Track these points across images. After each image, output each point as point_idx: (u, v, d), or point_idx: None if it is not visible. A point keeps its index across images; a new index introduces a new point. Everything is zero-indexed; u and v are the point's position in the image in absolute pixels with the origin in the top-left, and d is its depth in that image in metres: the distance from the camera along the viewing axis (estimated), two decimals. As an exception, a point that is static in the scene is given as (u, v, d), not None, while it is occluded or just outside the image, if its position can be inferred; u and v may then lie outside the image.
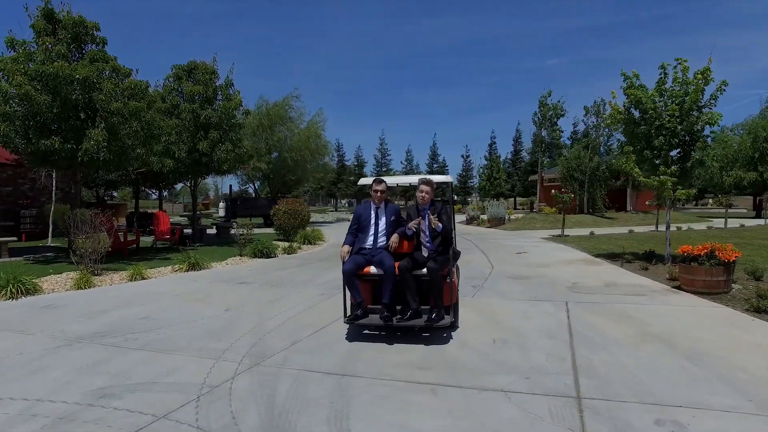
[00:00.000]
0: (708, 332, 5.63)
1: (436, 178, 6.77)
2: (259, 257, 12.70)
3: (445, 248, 5.77)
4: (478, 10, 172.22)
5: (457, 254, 6.01)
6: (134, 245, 13.64)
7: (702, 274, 7.59)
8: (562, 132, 28.15)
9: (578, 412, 3.60)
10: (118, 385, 4.17)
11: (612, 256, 12.15)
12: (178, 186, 33.47)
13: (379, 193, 5.84)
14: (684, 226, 22.26)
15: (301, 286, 8.70)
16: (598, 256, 12.50)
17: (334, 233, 21.66)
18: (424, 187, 5.78)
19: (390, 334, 5.79)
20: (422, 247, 5.85)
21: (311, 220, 20.06)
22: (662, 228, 20.80)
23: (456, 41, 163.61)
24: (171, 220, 27.52)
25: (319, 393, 4.01)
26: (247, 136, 25.55)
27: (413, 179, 6.89)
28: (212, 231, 20.80)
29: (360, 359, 4.85)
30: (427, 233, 5.79)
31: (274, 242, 15.70)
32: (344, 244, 5.77)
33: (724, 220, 22.93)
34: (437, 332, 5.75)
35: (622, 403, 3.74)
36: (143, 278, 9.50)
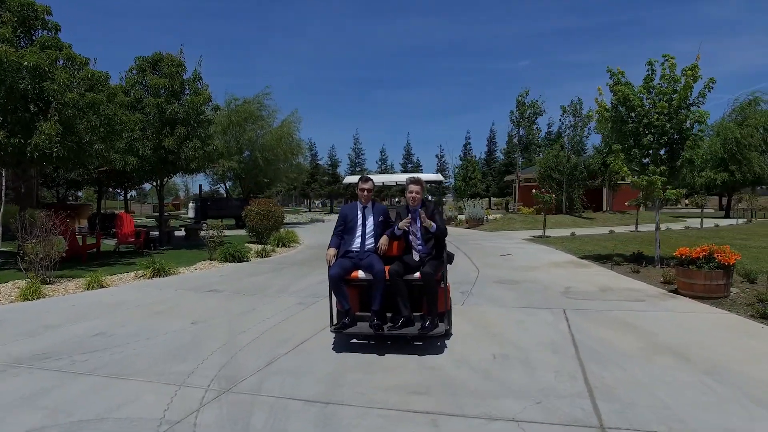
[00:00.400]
0: (720, 342, 5.23)
1: (426, 176, 6.27)
2: (230, 261, 11.93)
3: (438, 251, 5.33)
4: (449, 11, 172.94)
5: (450, 257, 5.54)
6: (94, 249, 12.66)
7: (701, 277, 7.25)
8: (541, 131, 28.13)
9: (608, 448, 3.08)
10: (57, 425, 3.46)
11: (599, 258, 11.83)
12: (147, 186, 32.14)
13: (366, 192, 5.42)
14: (663, 227, 22.30)
15: (276, 294, 8.02)
16: (584, 258, 12.17)
17: (309, 235, 20.97)
18: (413, 187, 5.31)
19: (380, 344, 5.30)
20: (413, 250, 5.38)
21: (284, 221, 19.27)
22: (642, 228, 20.82)
23: (428, 42, 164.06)
24: (137, 221, 26.27)
25: (301, 427, 3.40)
26: (217, 134, 24.57)
27: (400, 178, 6.35)
28: (181, 233, 19.83)
29: (347, 381, 4.25)
30: (419, 235, 5.33)
31: (246, 245, 14.91)
32: (330, 246, 5.34)
33: (700, 220, 23.13)
34: (430, 341, 5.28)
35: (655, 434, 3.24)
36: (102, 286, 8.66)
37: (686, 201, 57.40)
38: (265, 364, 4.71)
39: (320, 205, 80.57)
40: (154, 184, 15.65)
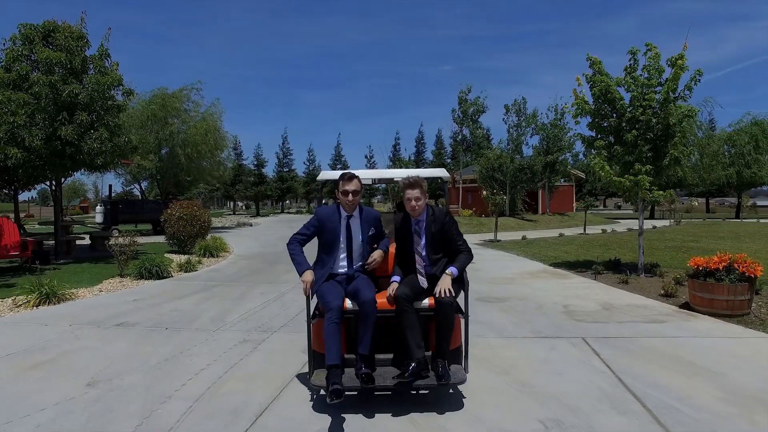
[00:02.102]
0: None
1: (424, 172, 4.73)
2: (146, 278, 9.67)
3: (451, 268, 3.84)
4: (372, 14, 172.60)
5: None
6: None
7: (724, 292, 6.27)
8: (484, 129, 27.54)
9: None
10: None
11: (572, 266, 10.88)
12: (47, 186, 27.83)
13: (350, 197, 3.87)
14: (608, 228, 22.28)
15: (210, 328, 6.10)
16: (555, 266, 11.17)
17: (239, 241, 18.74)
18: (411, 192, 3.86)
19: (367, 398, 3.85)
20: (417, 273, 3.90)
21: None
22: (591, 231, 20.55)
23: (352, 43, 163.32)
24: (32, 228, 22.53)
25: None
26: (134, 128, 21.53)
27: (395, 174, 4.77)
28: (85, 242, 16.89)
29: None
30: (424, 254, 3.92)
31: (166, 256, 12.66)
32: (304, 268, 3.80)
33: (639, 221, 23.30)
34: (443, 390, 3.94)
35: None
36: (-40, 322, 6.29)
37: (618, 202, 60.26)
38: (207, 465, 2.94)
39: (243, 208, 76.68)
40: (49, 183, 12.84)
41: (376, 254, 3.99)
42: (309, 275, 3.73)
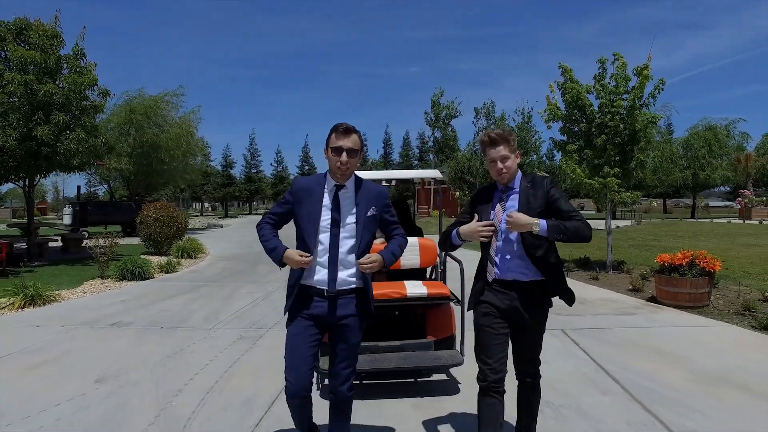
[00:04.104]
0: (758, 365, 4.63)
1: (417, 173, 5.03)
2: (129, 279, 9.64)
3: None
4: (339, 15, 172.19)
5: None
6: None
7: (687, 286, 6.81)
8: (455, 132, 28.17)
9: None
10: None
11: (544, 264, 11.38)
12: (5, 187, 26.92)
13: (344, 156, 2.52)
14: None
15: (205, 326, 6.24)
16: (529, 263, 11.66)
17: (213, 242, 18.67)
18: (494, 152, 2.58)
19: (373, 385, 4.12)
20: (494, 264, 2.64)
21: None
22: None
23: (321, 43, 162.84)
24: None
25: None
26: (107, 129, 21.11)
27: (387, 175, 5.00)
28: (57, 244, 16.49)
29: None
30: (515, 249, 2.60)
31: (143, 257, 12.54)
32: (282, 249, 2.61)
33: (604, 221, 24.32)
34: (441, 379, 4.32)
35: None
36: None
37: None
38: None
39: (210, 209, 75.51)
40: (21, 183, 12.54)
41: (374, 258, 2.55)
42: (293, 254, 2.52)
